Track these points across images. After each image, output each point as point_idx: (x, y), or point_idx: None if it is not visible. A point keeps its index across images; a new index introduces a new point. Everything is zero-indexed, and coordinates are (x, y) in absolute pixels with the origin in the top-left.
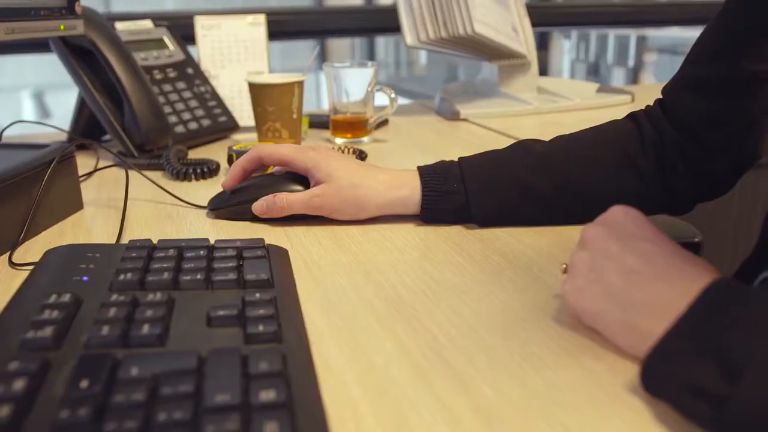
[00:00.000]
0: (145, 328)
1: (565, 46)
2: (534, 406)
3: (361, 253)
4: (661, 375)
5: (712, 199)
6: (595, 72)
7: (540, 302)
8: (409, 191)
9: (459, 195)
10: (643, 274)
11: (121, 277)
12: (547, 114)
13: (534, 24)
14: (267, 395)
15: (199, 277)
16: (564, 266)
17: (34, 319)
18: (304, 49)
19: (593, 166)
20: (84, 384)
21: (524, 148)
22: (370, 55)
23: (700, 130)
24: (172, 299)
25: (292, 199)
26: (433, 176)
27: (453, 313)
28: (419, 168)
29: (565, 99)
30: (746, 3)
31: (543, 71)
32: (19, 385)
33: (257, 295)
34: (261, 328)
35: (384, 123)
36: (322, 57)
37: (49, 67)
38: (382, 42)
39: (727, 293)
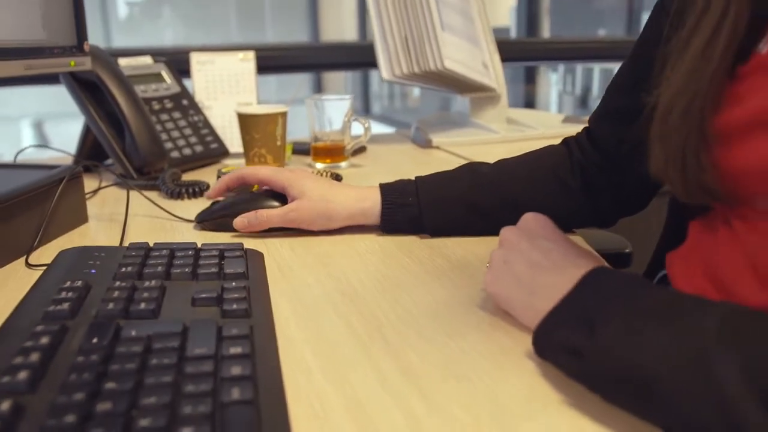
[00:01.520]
0: (142, 305)
1: (552, 79)
2: (449, 368)
3: (326, 257)
4: (545, 341)
5: (633, 214)
6: (583, 103)
7: (469, 294)
8: (371, 204)
9: (413, 208)
10: (544, 265)
11: (123, 269)
12: (513, 142)
13: (521, 58)
14: (235, 350)
15: (186, 270)
16: (488, 263)
17: (53, 297)
18: (299, 80)
19: (529, 184)
20: (94, 340)
21: (471, 169)
22: (365, 86)
23: (617, 154)
24: (164, 286)
25: (271, 213)
26: (391, 191)
27: (396, 302)
28: (380, 185)
29: (531, 128)
30: (642, 43)
31: (530, 103)
32: (44, 340)
33: (233, 284)
34: (234, 306)
35: (362, 150)
36: (319, 88)
37: (49, 97)
38: (376, 74)
39: (601, 277)
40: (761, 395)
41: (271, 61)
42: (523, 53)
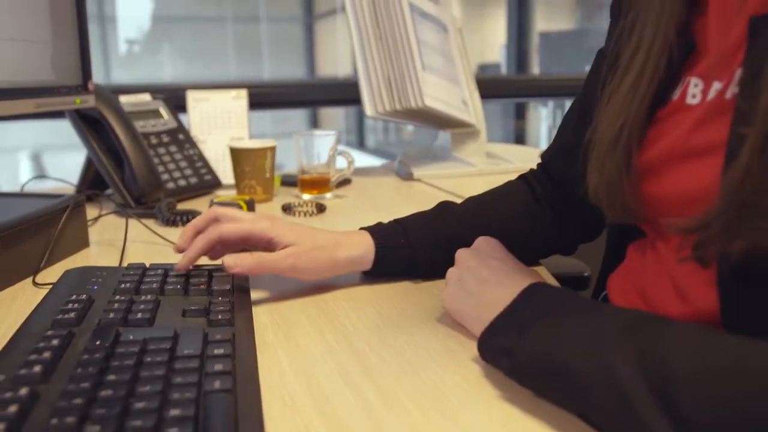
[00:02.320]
0: (139, 315)
1: (542, 114)
2: (403, 368)
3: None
4: (486, 345)
5: (591, 240)
6: None
7: (430, 309)
8: (364, 250)
9: (406, 249)
10: (491, 282)
11: (122, 286)
12: (491, 175)
13: (511, 95)
14: (218, 351)
15: (178, 287)
16: (446, 281)
17: (61, 308)
18: (295, 114)
19: (505, 218)
20: (97, 343)
21: (447, 209)
22: (360, 120)
23: (571, 186)
24: (159, 300)
25: (267, 258)
26: (381, 234)
27: (363, 315)
28: (368, 229)
29: (508, 162)
30: (587, 84)
31: (521, 138)
32: (54, 342)
33: (220, 298)
34: (219, 316)
35: (348, 182)
36: (314, 121)
37: (47, 129)
38: None
39: (536, 291)
40: (649, 381)
41: (266, 98)
42: (513, 90)
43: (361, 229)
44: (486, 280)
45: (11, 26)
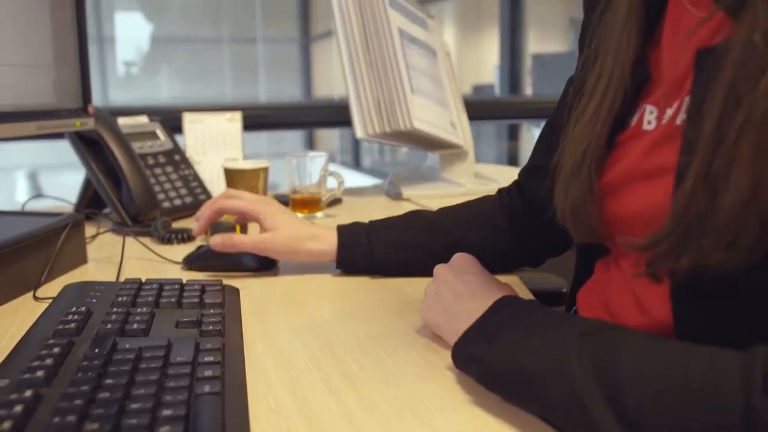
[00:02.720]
0: (135, 325)
1: (535, 135)
2: (382, 376)
3: (294, 294)
4: (459, 354)
5: (559, 255)
6: None
7: (411, 322)
8: (329, 246)
9: (365, 247)
10: (466, 295)
11: (119, 299)
12: (478, 195)
13: (505, 117)
14: (209, 358)
15: (173, 300)
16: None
17: (62, 319)
18: (291, 135)
19: (468, 228)
20: (96, 350)
21: (417, 214)
22: (355, 141)
23: (540, 202)
24: (154, 312)
25: (245, 240)
26: (346, 233)
27: (347, 327)
28: (338, 226)
29: (494, 182)
30: (558, 108)
31: (514, 159)
32: (56, 350)
33: (211, 311)
34: (210, 327)
35: (338, 201)
36: (310, 141)
37: (44, 149)
38: None
39: (506, 303)
40: (601, 385)
41: (261, 120)
42: (505, 112)
43: (338, 227)
44: (461, 294)
45: (17, 52)
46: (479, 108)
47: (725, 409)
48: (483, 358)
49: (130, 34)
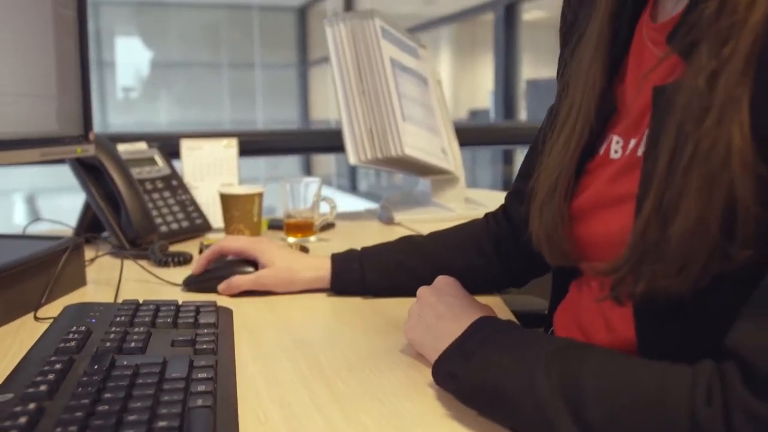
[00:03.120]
0: (132, 344)
1: None
2: (367, 393)
3: (285, 314)
4: (438, 371)
5: (540, 276)
6: None
7: (396, 342)
8: (325, 272)
9: (357, 272)
10: (447, 316)
11: (118, 319)
12: (467, 218)
13: (499, 142)
14: (202, 375)
15: (168, 320)
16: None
17: (62, 338)
18: (288, 158)
19: (454, 252)
20: (95, 367)
21: (407, 239)
22: (351, 165)
23: (522, 226)
24: (150, 332)
25: (244, 279)
26: (340, 260)
27: (335, 347)
28: (332, 255)
29: (483, 206)
30: (537, 136)
31: (508, 184)
32: (57, 366)
33: (205, 330)
34: (204, 346)
35: (331, 226)
36: (307, 165)
37: (41, 172)
38: None
39: (484, 323)
40: (565, 399)
41: (258, 145)
42: (499, 137)
43: (332, 254)
44: (442, 315)
45: (23, 82)
46: (473, 134)
47: (673, 423)
48: (459, 375)
49: (129, 59)
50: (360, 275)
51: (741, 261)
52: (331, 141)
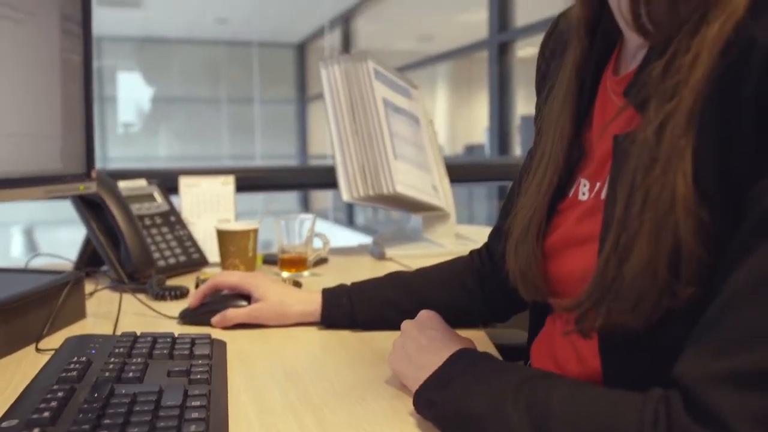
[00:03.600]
0: (131, 374)
1: None
2: (352, 422)
3: (277, 346)
4: (418, 399)
5: (522, 311)
6: None
7: (382, 373)
8: (316, 306)
9: (346, 307)
10: (428, 348)
11: (117, 350)
12: (457, 254)
13: (494, 178)
14: (195, 402)
15: (165, 351)
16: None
17: (64, 368)
18: (286, 193)
19: (439, 288)
20: (95, 395)
21: (395, 275)
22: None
23: (502, 264)
24: (147, 363)
25: (239, 313)
26: (330, 295)
27: (324, 377)
28: (323, 289)
29: (473, 242)
30: (517, 177)
31: None
32: (59, 394)
33: (200, 361)
34: (199, 376)
35: (324, 261)
36: (305, 200)
37: (39, 205)
38: None
39: (462, 355)
40: (533, 424)
41: (255, 182)
42: (493, 174)
43: (323, 289)
44: (424, 347)
45: (30, 123)
46: (467, 171)
47: None
48: (437, 403)
49: (131, 94)
50: (349, 310)
51: (686, 297)
52: (326, 177)
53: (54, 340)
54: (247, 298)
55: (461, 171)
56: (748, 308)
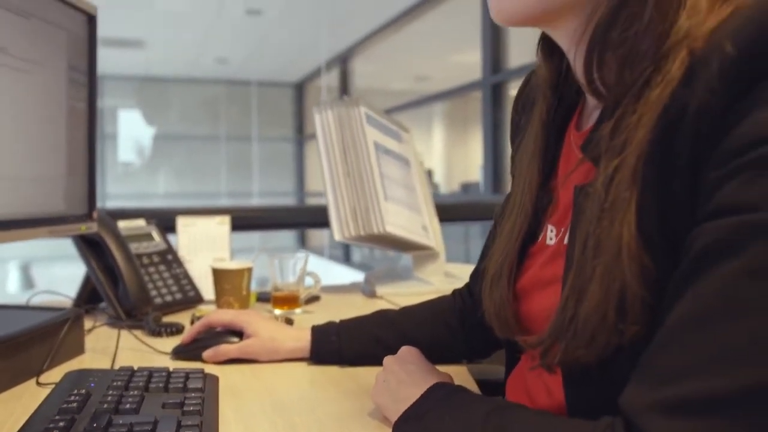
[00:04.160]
0: (128, 405)
1: None
2: None
3: (267, 381)
4: (398, 430)
5: (501, 349)
6: None
7: (364, 405)
8: (305, 343)
9: (335, 344)
10: (407, 382)
11: (114, 383)
12: (446, 291)
13: (488, 217)
14: None
15: (160, 385)
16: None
17: (65, 400)
18: (283, 231)
19: (422, 326)
20: (94, 425)
21: (381, 313)
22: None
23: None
24: (143, 395)
25: (230, 348)
26: (319, 332)
27: (311, 410)
28: (312, 327)
29: (461, 280)
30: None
31: None
32: (61, 424)
33: (193, 394)
34: (192, 408)
35: (317, 298)
36: (302, 237)
37: (36, 242)
38: None
39: (437, 389)
40: None
41: (250, 221)
42: (488, 213)
43: (312, 326)
44: (404, 381)
45: (36, 167)
46: (461, 210)
47: None
48: None
49: (131, 132)
50: (337, 347)
51: (631, 335)
52: (320, 217)
53: (54, 375)
54: (239, 334)
55: (456, 210)
56: (680, 344)
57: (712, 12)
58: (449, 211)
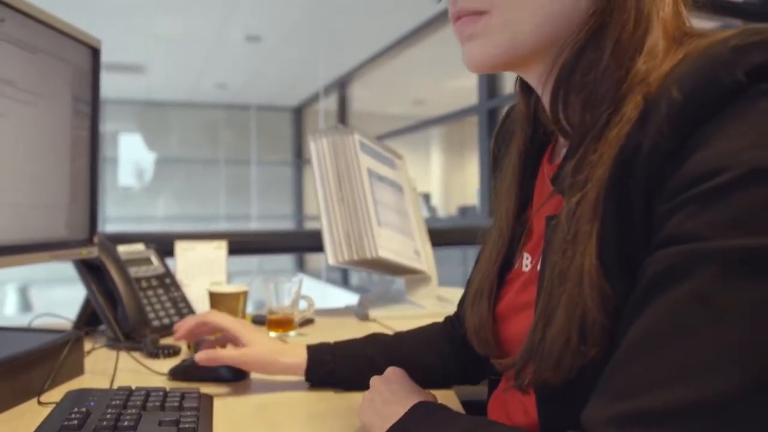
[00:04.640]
0: (126, 423)
1: None
2: None
3: (260, 402)
4: None
5: None
6: None
7: (351, 423)
8: (301, 360)
9: (330, 365)
10: (392, 401)
11: (113, 402)
12: (438, 316)
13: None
14: None
15: (157, 404)
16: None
17: (65, 417)
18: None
19: (415, 350)
20: None
21: (374, 337)
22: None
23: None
24: (141, 414)
25: (226, 353)
26: (315, 351)
27: (300, 426)
28: (307, 346)
29: (453, 304)
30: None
31: None
32: None
33: (189, 413)
34: (187, 425)
35: (311, 321)
36: (300, 260)
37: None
38: None
39: (421, 407)
40: None
41: (248, 245)
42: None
43: (307, 345)
44: (388, 400)
45: (39, 195)
46: (456, 235)
47: None
48: None
49: (131, 156)
50: (332, 367)
51: (592, 357)
52: (315, 241)
53: (55, 394)
54: (233, 369)
55: (451, 235)
56: (634, 364)
57: (668, 56)
58: (445, 236)
